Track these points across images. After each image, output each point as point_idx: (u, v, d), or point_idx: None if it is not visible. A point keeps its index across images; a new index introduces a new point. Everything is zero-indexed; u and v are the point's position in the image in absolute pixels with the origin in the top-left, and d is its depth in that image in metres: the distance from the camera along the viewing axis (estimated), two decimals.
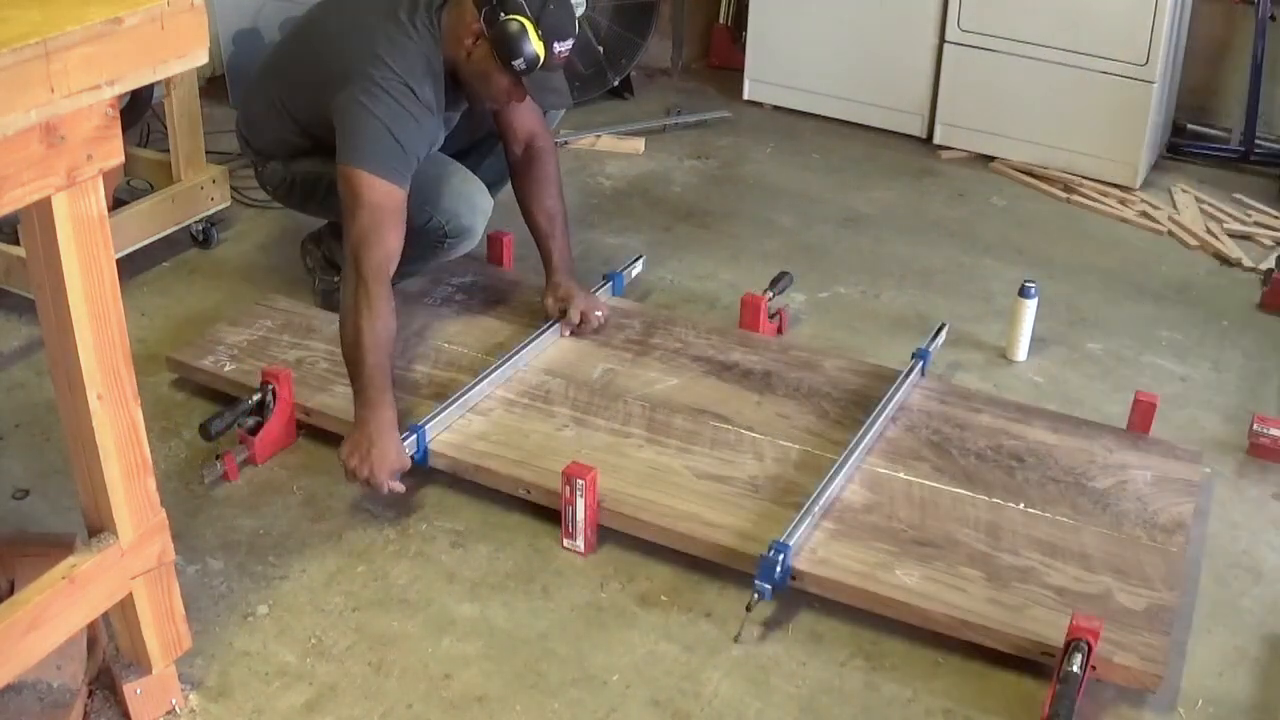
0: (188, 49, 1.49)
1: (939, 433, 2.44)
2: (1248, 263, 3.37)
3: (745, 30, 4.42)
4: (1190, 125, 4.14)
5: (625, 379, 2.59)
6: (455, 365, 2.61)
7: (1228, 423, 2.67)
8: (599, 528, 2.21)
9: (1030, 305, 2.82)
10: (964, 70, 3.95)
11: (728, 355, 2.68)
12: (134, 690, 1.82)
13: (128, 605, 1.74)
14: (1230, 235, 3.53)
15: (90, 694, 1.84)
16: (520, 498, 2.29)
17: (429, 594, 2.13)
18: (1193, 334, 3.04)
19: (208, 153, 3.21)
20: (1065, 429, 2.47)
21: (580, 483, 2.15)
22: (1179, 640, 2.06)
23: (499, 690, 1.94)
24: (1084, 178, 3.82)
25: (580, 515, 2.18)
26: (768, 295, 2.86)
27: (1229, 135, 4.10)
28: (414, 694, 1.93)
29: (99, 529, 1.68)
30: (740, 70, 4.43)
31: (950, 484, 2.30)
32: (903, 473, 2.32)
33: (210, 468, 2.36)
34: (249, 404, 2.41)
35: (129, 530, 1.68)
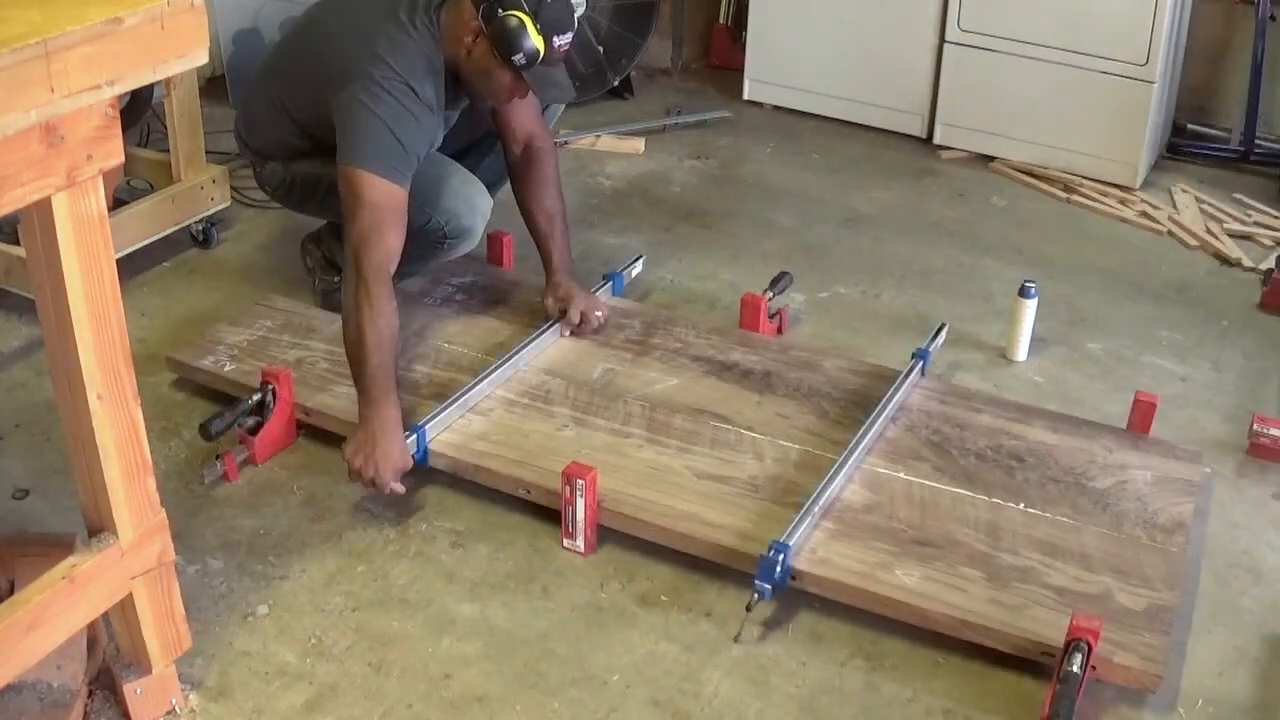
0: (188, 49, 1.49)
1: (939, 433, 2.44)
2: (1248, 263, 3.37)
3: (745, 30, 4.42)
4: (1190, 125, 4.14)
5: (625, 379, 2.59)
6: (455, 365, 2.61)
7: (1228, 423, 2.67)
8: (599, 528, 2.21)
9: (1030, 305, 2.82)
10: (964, 70, 3.95)
11: (728, 355, 2.68)
12: (134, 690, 1.82)
13: (128, 605, 1.74)
14: (1230, 235, 3.53)
15: (90, 694, 1.84)
16: (520, 498, 2.29)
17: (429, 594, 2.13)
18: (1193, 334, 3.04)
19: (208, 153, 3.21)
20: (1065, 429, 2.47)
21: (580, 483, 2.15)
22: (1179, 640, 2.06)
23: (499, 690, 1.94)
24: (1084, 178, 3.82)
25: (580, 515, 2.18)
26: (768, 295, 2.86)
27: (1229, 135, 4.10)
28: (414, 694, 1.93)
29: (99, 529, 1.68)
30: (740, 70, 4.43)
31: (950, 484, 2.30)
32: (903, 473, 2.32)
33: (210, 468, 2.36)
34: (249, 404, 2.41)
35: (129, 530, 1.68)
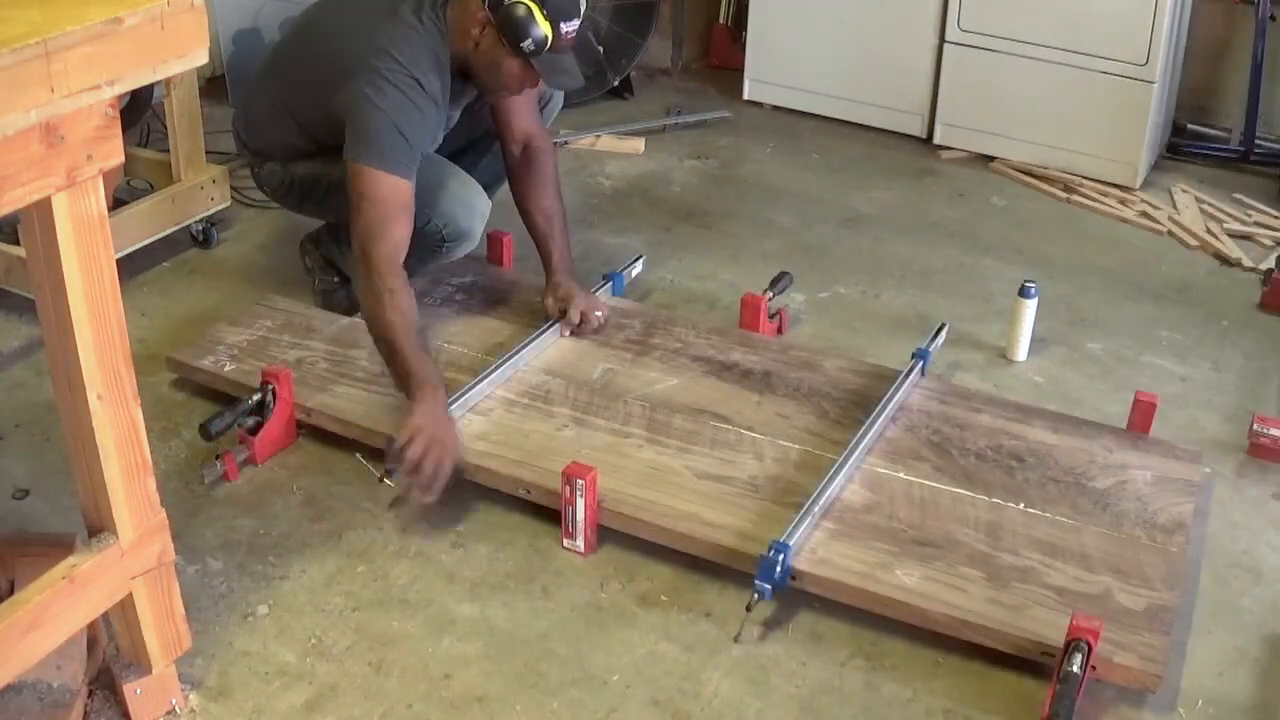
0: (188, 49, 1.49)
1: (939, 433, 2.44)
2: (1248, 263, 3.37)
3: (745, 30, 4.41)
4: (1190, 125, 4.14)
5: (625, 379, 2.59)
6: (455, 365, 2.61)
7: (1228, 423, 2.67)
8: (599, 528, 2.21)
9: (1030, 305, 2.82)
10: (964, 70, 3.94)
11: (728, 355, 2.68)
12: (134, 690, 1.82)
13: (128, 605, 1.74)
14: (1230, 235, 3.53)
15: (90, 694, 1.84)
16: (520, 498, 2.29)
17: (429, 594, 2.13)
18: (1193, 334, 3.04)
19: (208, 153, 3.21)
20: (1065, 429, 2.47)
21: (580, 483, 2.15)
22: (1179, 640, 2.05)
23: (499, 690, 1.94)
24: (1084, 178, 3.82)
25: (580, 515, 2.18)
26: (768, 295, 2.86)
27: (1229, 135, 4.10)
28: (414, 694, 1.93)
29: (99, 529, 1.68)
30: (740, 70, 4.43)
31: (950, 484, 2.30)
32: (903, 473, 2.32)
33: (210, 468, 2.36)
34: (249, 404, 2.41)
35: (129, 530, 1.68)
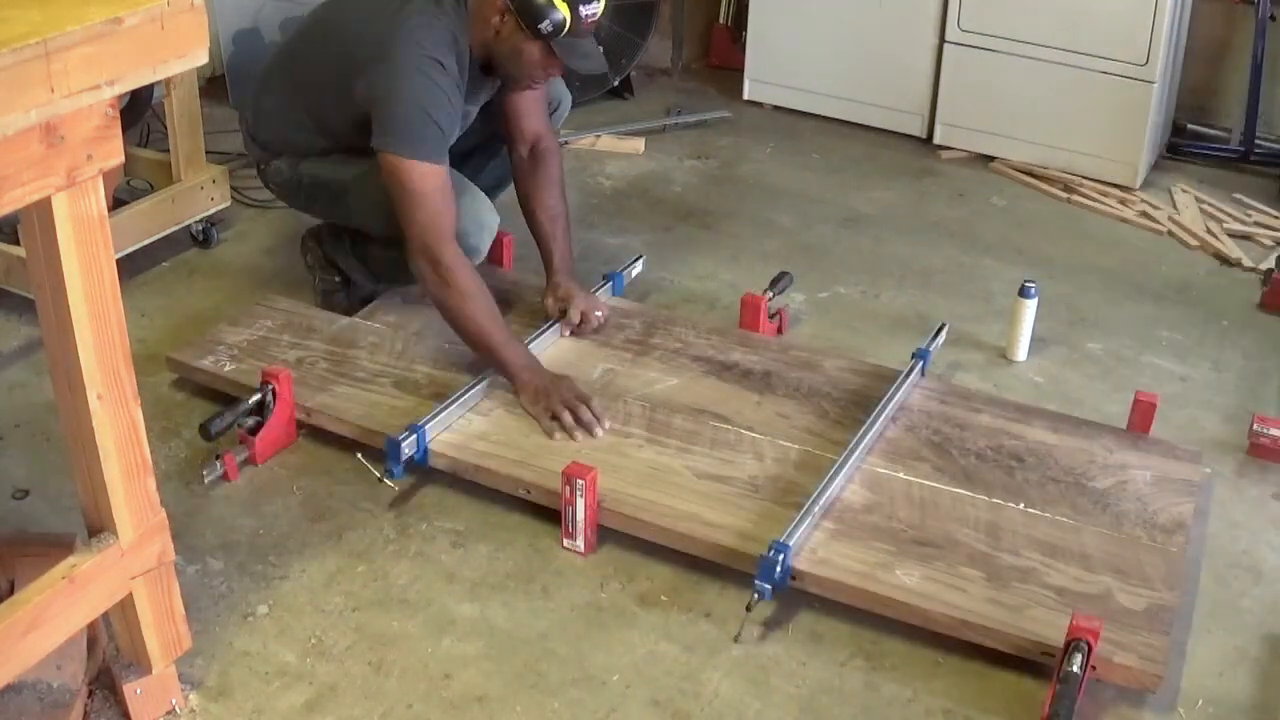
0: (188, 49, 1.49)
1: (939, 433, 2.44)
2: (1248, 263, 3.37)
3: (745, 30, 4.42)
4: (1190, 125, 4.14)
5: (625, 379, 2.59)
6: (456, 365, 2.61)
7: (1228, 423, 2.67)
8: (599, 528, 2.21)
9: (1030, 305, 2.82)
10: (964, 70, 3.94)
11: (728, 355, 2.68)
12: (134, 690, 1.82)
13: (128, 605, 1.74)
14: (1230, 235, 3.53)
15: (90, 694, 1.84)
16: (520, 498, 2.29)
17: (429, 594, 2.13)
18: (1193, 334, 3.04)
19: (208, 153, 3.21)
20: (1065, 429, 2.47)
21: (580, 483, 2.15)
22: (1179, 640, 2.05)
23: (499, 690, 1.94)
24: (1084, 178, 3.82)
25: (580, 515, 2.18)
26: (768, 295, 2.86)
27: (1229, 135, 4.10)
28: (414, 694, 1.93)
29: (99, 529, 1.67)
30: (740, 70, 4.43)
31: (950, 484, 2.30)
32: (903, 473, 2.32)
33: (210, 468, 2.36)
34: (249, 404, 2.41)
35: (129, 530, 1.68)
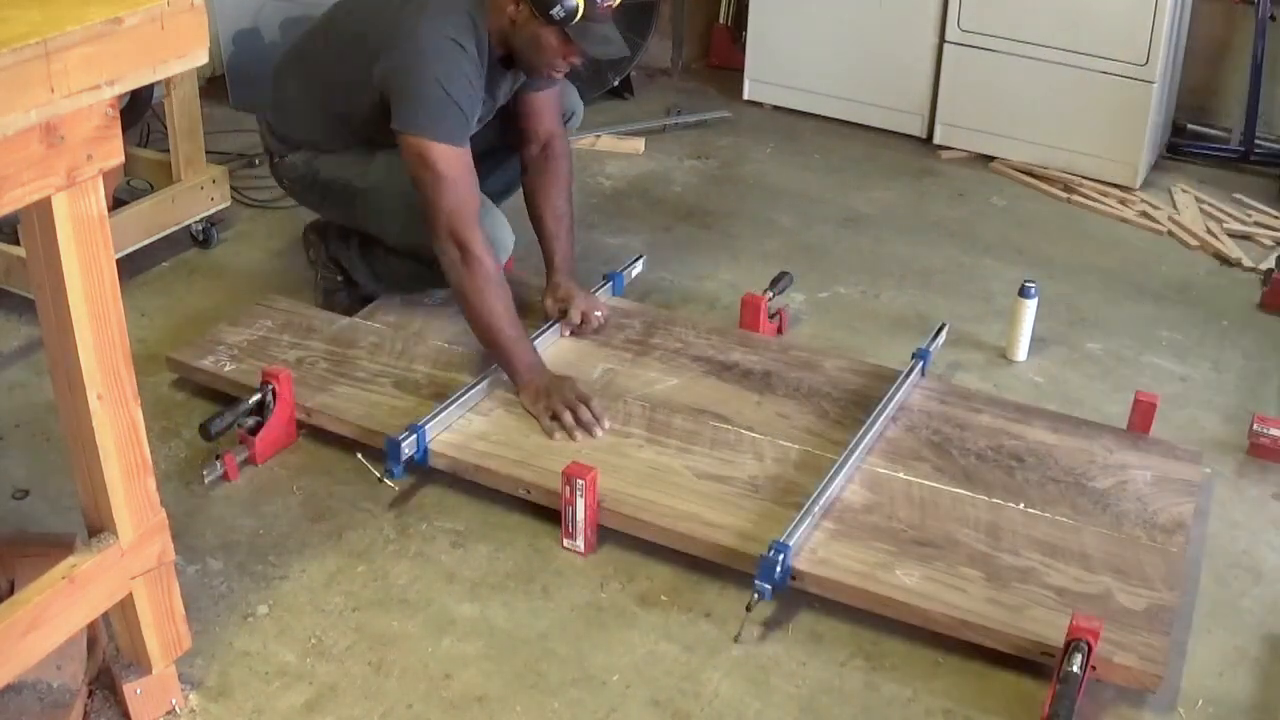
0: (188, 49, 1.49)
1: (939, 433, 2.44)
2: (1248, 263, 3.37)
3: (745, 30, 4.42)
4: (1190, 125, 4.14)
5: (625, 379, 2.59)
6: (456, 365, 2.61)
7: (1228, 423, 2.67)
8: (599, 528, 2.21)
9: (1030, 305, 2.82)
10: (964, 70, 3.95)
11: (728, 355, 2.68)
12: (134, 690, 1.82)
13: (128, 605, 1.74)
14: (1230, 235, 3.53)
15: (90, 694, 1.84)
16: (520, 498, 2.29)
17: (429, 594, 2.13)
18: (1193, 334, 3.04)
19: (208, 153, 3.21)
20: (1065, 429, 2.47)
21: (580, 483, 2.15)
22: (1179, 640, 2.05)
23: (499, 690, 1.94)
24: (1084, 178, 3.82)
25: (580, 515, 2.18)
26: (768, 295, 2.86)
27: (1229, 135, 4.10)
28: (414, 694, 1.93)
29: (99, 529, 1.67)
30: (740, 70, 4.43)
31: (950, 484, 2.30)
32: (903, 473, 2.32)
33: (210, 468, 2.36)
34: (249, 404, 2.41)
35: (129, 530, 1.68)
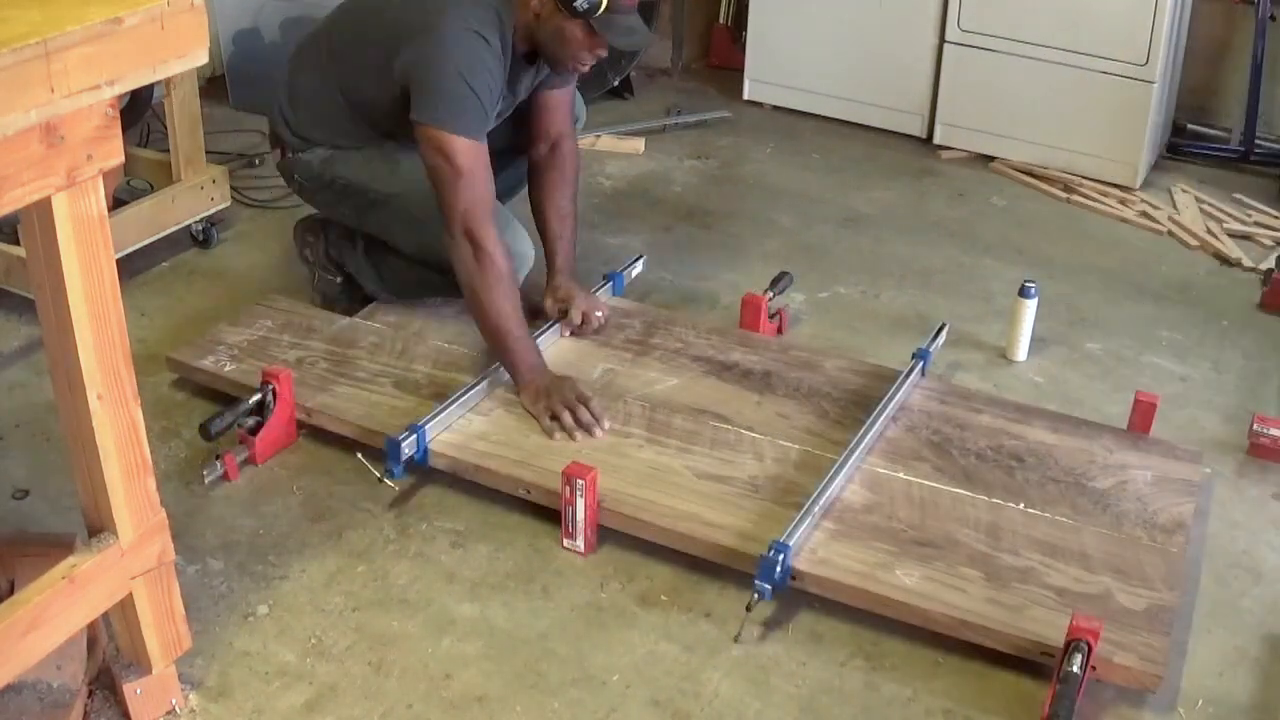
0: (188, 49, 1.49)
1: (939, 433, 2.44)
2: (1248, 263, 3.37)
3: (745, 30, 4.42)
4: (1190, 125, 4.14)
5: (625, 379, 2.59)
6: (456, 366, 2.61)
7: (1228, 423, 2.67)
8: (599, 528, 2.21)
9: (1030, 305, 2.82)
10: (964, 70, 3.95)
11: (728, 355, 2.68)
12: (134, 690, 1.82)
13: (128, 605, 1.74)
14: (1230, 235, 3.53)
15: (90, 694, 1.84)
16: (520, 498, 2.29)
17: (429, 594, 2.13)
18: (1193, 334, 3.04)
19: (208, 153, 3.21)
20: (1065, 429, 2.47)
21: (580, 483, 2.15)
22: (1179, 640, 2.05)
23: (499, 690, 1.94)
24: (1084, 178, 3.82)
25: (580, 515, 2.18)
26: (768, 295, 2.86)
27: (1229, 135, 4.10)
28: (414, 694, 1.93)
29: (99, 529, 1.67)
30: (740, 70, 4.43)
31: (950, 484, 2.30)
32: (903, 473, 2.32)
33: (210, 468, 2.36)
34: (249, 404, 2.41)
35: (129, 530, 1.68)
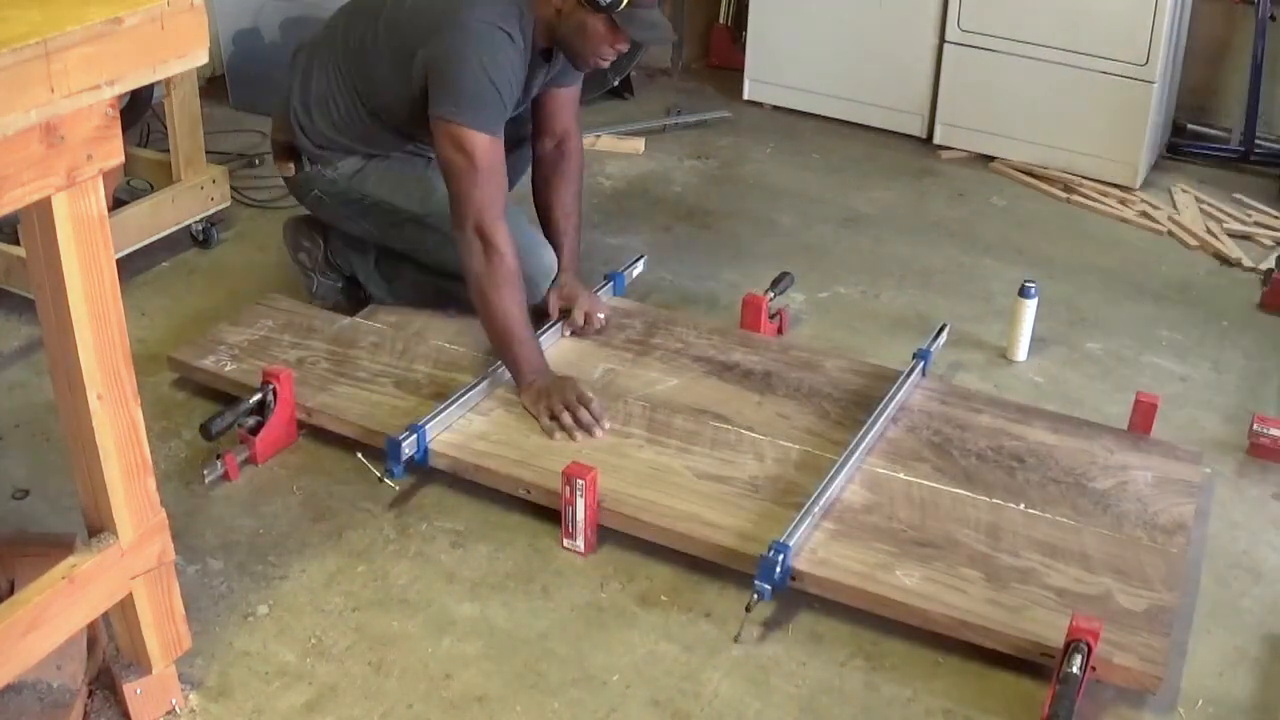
0: (188, 49, 1.49)
1: (939, 433, 2.44)
2: (1248, 263, 3.37)
3: (745, 30, 4.42)
4: (1190, 125, 4.15)
5: (626, 379, 2.59)
6: (456, 365, 2.61)
7: (1228, 423, 2.67)
8: (599, 528, 2.21)
9: (1030, 305, 2.82)
10: (964, 70, 3.95)
11: (728, 355, 2.68)
12: (134, 690, 1.82)
13: (128, 605, 1.74)
14: (1230, 235, 3.53)
15: (90, 694, 1.84)
16: (520, 498, 2.29)
17: (429, 594, 2.13)
18: (1193, 334, 3.04)
19: (208, 153, 3.21)
20: (1066, 429, 2.47)
21: (580, 483, 2.15)
22: (1179, 640, 2.05)
23: (499, 690, 1.94)
24: (1084, 178, 3.82)
25: (580, 515, 2.18)
26: (769, 295, 2.86)
27: (1229, 135, 4.10)
28: (414, 694, 1.93)
29: (99, 529, 1.67)
30: (740, 70, 4.43)
31: (950, 484, 2.30)
32: (903, 473, 2.32)
33: (210, 467, 2.36)
34: (250, 404, 2.41)
35: (129, 530, 1.68)
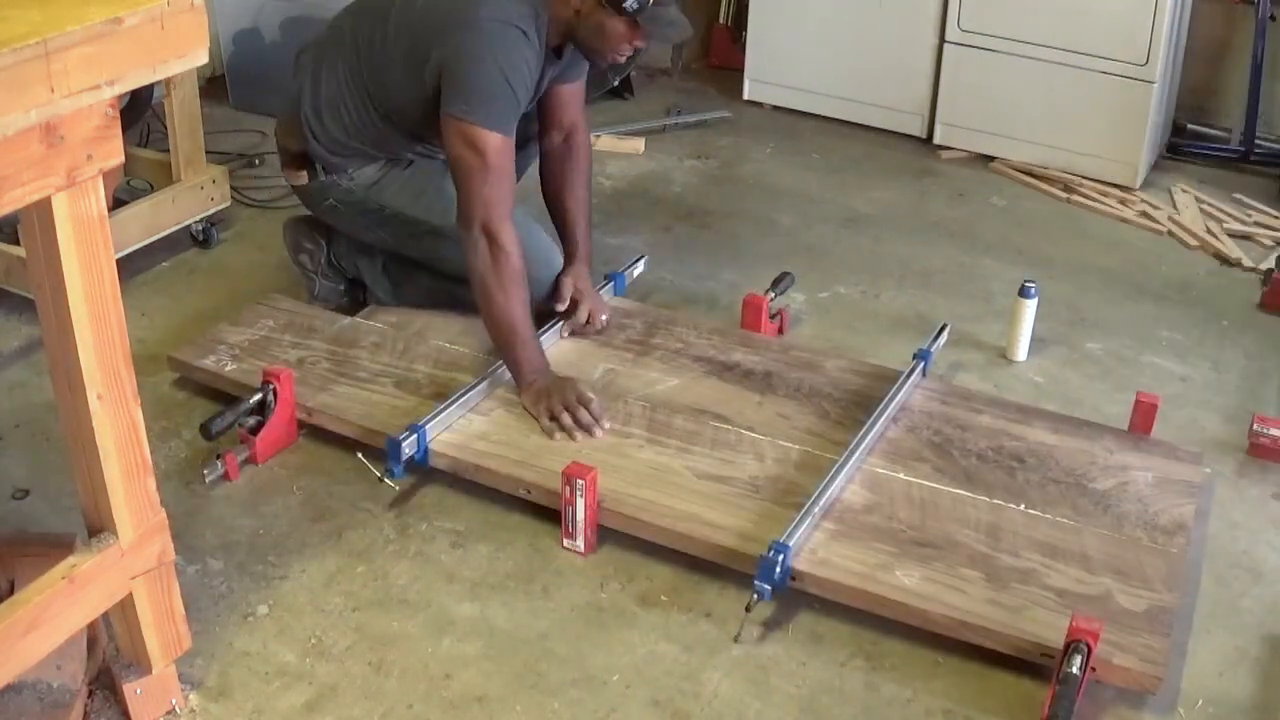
0: (188, 49, 1.49)
1: (940, 433, 2.44)
2: (1248, 263, 3.37)
3: (745, 30, 4.42)
4: (1190, 125, 4.15)
5: (626, 379, 2.59)
6: (456, 365, 2.61)
7: (1228, 423, 2.67)
8: (599, 528, 2.21)
9: (1030, 305, 2.82)
10: (964, 70, 3.95)
11: (729, 355, 2.68)
12: (134, 690, 1.82)
13: (128, 605, 1.74)
14: (1230, 235, 3.53)
15: (90, 694, 1.84)
16: (520, 498, 2.29)
17: (429, 594, 2.13)
18: (1193, 334, 3.04)
19: (208, 153, 3.21)
20: (1066, 430, 2.47)
21: (580, 483, 2.15)
22: (1179, 641, 2.05)
23: (499, 690, 1.94)
24: (1084, 178, 3.82)
25: (580, 515, 2.18)
26: (769, 295, 2.86)
27: (1229, 135, 4.10)
28: (414, 694, 1.93)
29: (99, 529, 1.67)
30: (740, 70, 4.43)
31: (951, 485, 2.30)
32: (903, 473, 2.32)
33: (211, 467, 2.36)
34: (250, 403, 2.41)
35: (129, 530, 1.68)
